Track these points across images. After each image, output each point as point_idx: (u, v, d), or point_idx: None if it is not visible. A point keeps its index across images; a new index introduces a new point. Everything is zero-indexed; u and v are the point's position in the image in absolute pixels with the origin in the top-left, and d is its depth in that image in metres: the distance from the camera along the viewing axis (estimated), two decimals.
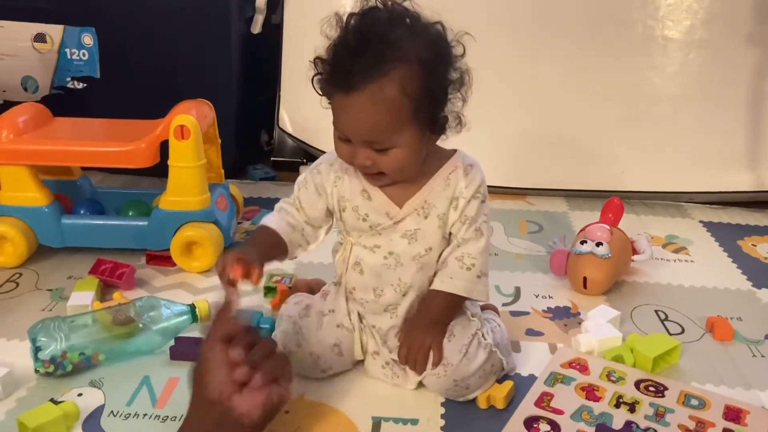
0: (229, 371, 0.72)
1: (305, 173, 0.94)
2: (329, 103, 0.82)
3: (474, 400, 0.89)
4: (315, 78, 0.82)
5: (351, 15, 0.79)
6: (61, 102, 1.58)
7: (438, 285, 0.88)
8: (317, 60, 0.81)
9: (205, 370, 0.73)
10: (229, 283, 0.77)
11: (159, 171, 1.23)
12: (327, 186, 0.91)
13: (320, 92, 0.82)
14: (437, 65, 0.79)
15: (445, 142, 0.89)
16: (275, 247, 0.90)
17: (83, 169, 1.39)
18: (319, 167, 0.92)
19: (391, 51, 0.76)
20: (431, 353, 0.86)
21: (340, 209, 0.90)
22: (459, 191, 0.87)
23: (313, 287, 1.07)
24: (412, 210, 0.87)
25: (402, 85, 0.76)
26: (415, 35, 0.78)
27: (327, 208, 0.92)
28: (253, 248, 0.85)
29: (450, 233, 0.89)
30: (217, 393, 0.71)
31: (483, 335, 0.90)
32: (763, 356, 1.02)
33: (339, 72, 0.78)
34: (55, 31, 1.57)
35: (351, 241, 0.91)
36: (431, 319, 0.88)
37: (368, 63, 0.75)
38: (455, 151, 0.90)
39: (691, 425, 0.85)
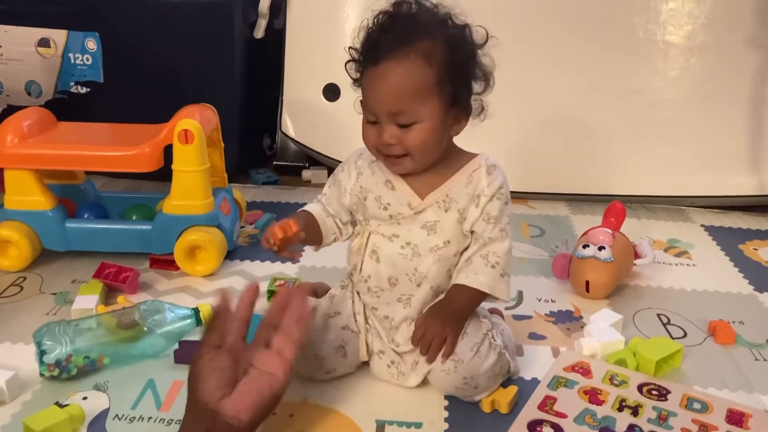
0: (218, 376, 0.74)
1: (334, 172, 0.97)
2: (361, 87, 0.86)
3: (478, 403, 0.89)
4: (348, 64, 0.87)
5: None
6: (65, 106, 1.59)
7: (462, 280, 0.89)
8: (351, 49, 0.86)
9: (196, 375, 0.75)
10: (277, 248, 0.85)
11: (162, 175, 1.24)
12: (347, 182, 0.94)
13: (354, 76, 0.87)
14: (461, 45, 0.84)
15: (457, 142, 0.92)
16: (312, 226, 0.94)
17: (87, 173, 1.40)
18: (345, 164, 0.96)
19: (417, 27, 0.82)
20: (445, 345, 0.87)
21: (362, 198, 0.92)
22: (481, 189, 0.88)
23: (317, 291, 1.07)
24: (434, 202, 0.88)
25: (426, 56, 0.81)
26: (442, 21, 0.84)
27: (348, 206, 0.94)
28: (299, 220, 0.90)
29: (472, 231, 0.89)
30: (206, 398, 0.73)
31: (493, 336, 0.91)
32: (765, 360, 1.03)
33: (369, 48, 0.84)
34: (59, 36, 1.58)
35: (369, 229, 0.92)
36: (453, 311, 0.88)
37: (396, 36, 0.81)
38: (478, 153, 0.92)
39: (694, 429, 0.85)
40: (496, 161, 0.91)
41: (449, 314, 0.88)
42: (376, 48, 0.82)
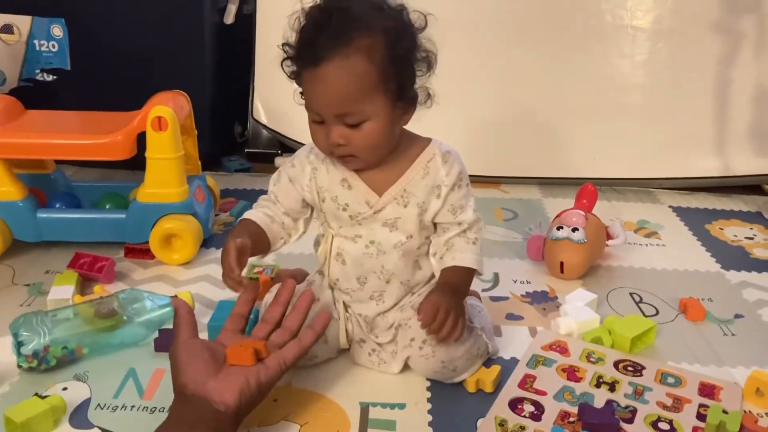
0: (203, 363, 0.75)
1: (279, 170, 0.95)
2: (300, 85, 0.83)
3: (461, 384, 0.90)
4: (284, 62, 0.83)
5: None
6: (31, 95, 1.54)
7: (451, 262, 0.89)
8: (285, 45, 0.83)
9: (178, 361, 0.76)
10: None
11: (133, 164, 1.22)
12: (302, 179, 0.91)
13: (290, 75, 0.84)
14: (401, 35, 0.81)
15: (419, 130, 0.90)
16: (259, 236, 0.91)
17: (56, 162, 1.37)
18: (294, 161, 0.93)
19: (354, 22, 0.78)
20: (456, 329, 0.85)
21: (320, 200, 0.90)
22: (440, 179, 0.88)
23: (296, 277, 1.07)
24: (392, 199, 0.88)
25: (368, 53, 0.78)
26: (377, 9, 0.81)
27: (302, 200, 0.93)
28: (243, 233, 0.88)
29: (435, 223, 0.90)
30: (192, 384, 0.73)
31: (469, 319, 0.92)
32: (733, 335, 1.06)
33: (305, 47, 0.80)
34: (22, 22, 1.54)
35: (332, 232, 0.91)
36: (455, 293, 0.87)
37: (333, 34, 0.77)
38: (431, 139, 0.91)
39: (669, 402, 0.88)
40: (450, 147, 0.90)
41: (452, 296, 0.86)
42: (312, 47, 0.78)
